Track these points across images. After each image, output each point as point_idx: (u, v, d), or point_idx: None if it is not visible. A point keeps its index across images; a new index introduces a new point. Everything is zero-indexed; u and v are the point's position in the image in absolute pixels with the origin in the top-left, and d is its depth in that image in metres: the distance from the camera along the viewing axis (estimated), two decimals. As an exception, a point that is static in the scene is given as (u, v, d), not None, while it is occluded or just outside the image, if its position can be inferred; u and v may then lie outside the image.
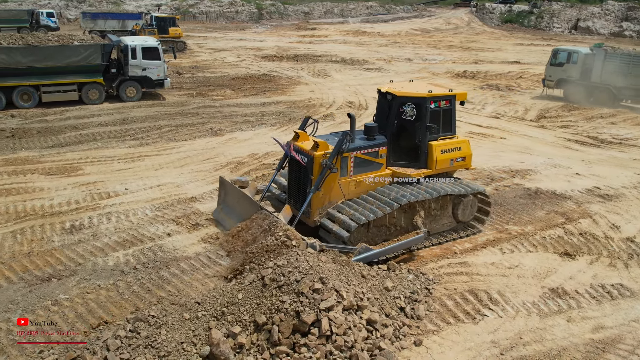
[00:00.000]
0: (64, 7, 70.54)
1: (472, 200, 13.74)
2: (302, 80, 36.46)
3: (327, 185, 12.37)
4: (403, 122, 13.20)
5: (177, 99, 29.61)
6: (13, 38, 27.46)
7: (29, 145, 20.86)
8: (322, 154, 12.10)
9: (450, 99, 13.45)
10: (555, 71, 32.12)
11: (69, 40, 28.34)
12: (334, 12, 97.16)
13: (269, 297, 9.37)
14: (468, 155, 13.98)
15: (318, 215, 12.48)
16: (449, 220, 13.68)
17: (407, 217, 12.83)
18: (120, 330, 9.04)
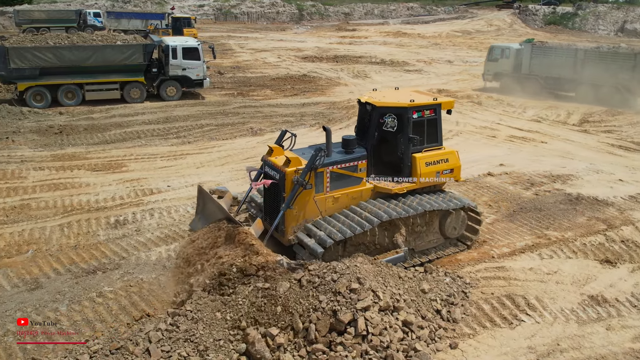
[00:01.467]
0: (109, 7, 72.11)
1: (460, 216, 13.00)
2: (341, 81, 36.62)
3: (302, 202, 11.68)
4: (384, 133, 12.47)
5: (219, 99, 30.11)
6: (59, 38, 28.34)
7: (76, 141, 21.55)
8: (294, 170, 11.44)
9: (434, 107, 12.64)
10: (491, 66, 35.56)
11: (112, 40, 29.11)
12: (374, 13, 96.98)
13: (306, 297, 9.53)
14: (456, 167, 13.17)
15: (292, 233, 11.80)
16: (435, 236, 12.93)
17: (387, 234, 12.08)
18: (161, 323, 9.32)
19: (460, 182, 17.42)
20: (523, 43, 35.73)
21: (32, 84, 25.90)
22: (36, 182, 17.04)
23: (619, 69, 30.29)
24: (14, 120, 23.69)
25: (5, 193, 16.13)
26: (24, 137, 21.78)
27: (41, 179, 17.27)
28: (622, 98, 30.02)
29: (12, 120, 23.63)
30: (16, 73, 25.44)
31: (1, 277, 11.61)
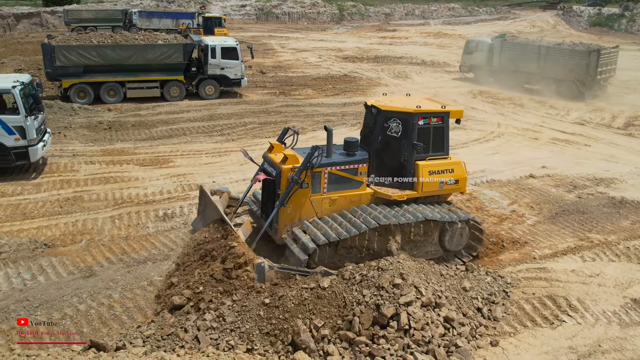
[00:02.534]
0: (154, 7, 73.59)
1: (461, 229, 12.47)
2: (382, 81, 36.74)
3: (297, 202, 11.53)
4: (388, 138, 12.22)
5: (261, 98, 30.60)
6: (103, 37, 29.20)
7: (124, 137, 22.26)
8: (290, 168, 11.30)
9: (442, 115, 12.28)
10: (467, 58, 38.77)
11: (153, 39, 29.79)
12: (414, 14, 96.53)
13: (350, 290, 9.79)
14: (462, 179, 12.62)
15: (286, 232, 11.63)
16: (434, 248, 12.43)
17: (381, 241, 11.71)
18: (207, 314, 9.69)
19: (502, 184, 17.53)
20: (494, 38, 39.42)
21: (76, 82, 26.75)
22: (88, 175, 17.73)
23: (575, 65, 32.91)
24: (65, 116, 24.55)
25: (59, 185, 16.83)
26: (75, 132, 22.59)
27: (92, 173, 17.95)
28: (577, 92, 32.83)
29: (63, 116, 24.50)
30: (61, 70, 26.30)
31: (58, 264, 12.19)
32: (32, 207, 15.29)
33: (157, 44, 28.50)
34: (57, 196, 16.02)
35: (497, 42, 37.48)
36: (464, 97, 31.91)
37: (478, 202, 16.32)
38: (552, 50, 34.48)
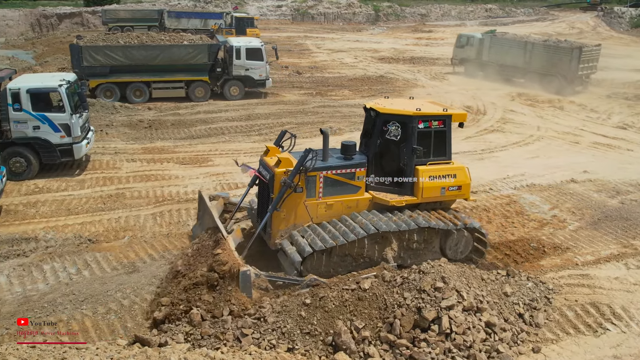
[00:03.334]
0: (192, 7, 74.46)
1: (464, 237, 12.12)
2: (419, 83, 36.55)
3: (291, 206, 11.26)
4: (387, 142, 11.86)
5: (298, 98, 30.73)
6: (130, 37, 29.72)
7: (164, 136, 22.61)
8: (283, 172, 11.02)
9: (444, 119, 11.84)
10: (459, 52, 41.16)
11: (179, 40, 30.13)
12: (451, 15, 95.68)
13: (391, 293, 9.79)
14: (465, 185, 12.23)
15: (279, 237, 11.34)
16: (435, 256, 11.87)
17: (378, 248, 11.41)
18: (246, 315, 9.79)
19: (542, 188, 17.29)
20: (484, 34, 41.18)
21: (103, 81, 27.10)
22: (129, 172, 18.08)
23: (559, 61, 34.70)
24: (107, 114, 25.05)
25: (102, 182, 17.20)
26: (117, 130, 23.03)
27: (134, 170, 18.30)
28: (560, 86, 34.27)
29: (105, 114, 25.00)
30: (88, 70, 26.68)
31: (102, 259, 12.46)
32: (76, 203, 15.66)
33: (182, 44, 28.82)
34: (100, 193, 16.38)
35: (487, 37, 39.55)
36: (502, 100, 31.53)
37: (518, 207, 16.12)
38: (537, 46, 36.40)
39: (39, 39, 57.54)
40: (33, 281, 11.51)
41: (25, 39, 57.76)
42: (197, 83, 28.99)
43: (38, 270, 11.92)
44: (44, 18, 64.15)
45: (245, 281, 9.80)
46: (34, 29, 62.96)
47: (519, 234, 14.34)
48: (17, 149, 16.94)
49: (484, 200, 16.48)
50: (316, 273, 10.64)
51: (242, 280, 9.76)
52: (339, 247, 10.92)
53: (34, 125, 16.85)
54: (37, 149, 17.08)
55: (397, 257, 11.55)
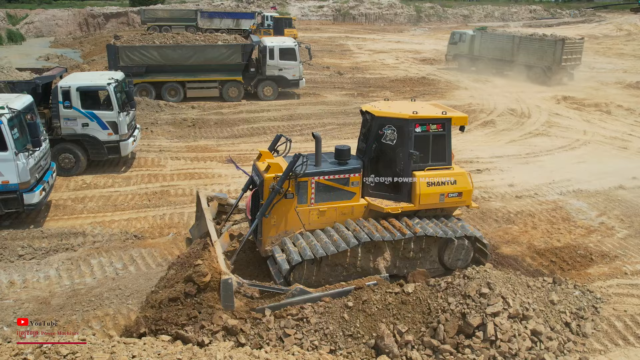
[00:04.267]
0: (234, 7, 75.28)
1: (464, 246, 11.52)
2: (461, 84, 36.14)
3: (281, 212, 10.87)
4: (383, 146, 11.37)
5: (339, 99, 30.71)
6: (165, 37, 30.10)
7: (208, 134, 22.90)
8: (273, 177, 10.63)
9: (443, 122, 11.31)
10: (452, 48, 43.45)
11: (214, 40, 30.36)
12: (494, 16, 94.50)
13: (435, 297, 9.70)
14: (466, 191, 11.64)
15: (270, 244, 10.97)
16: (433, 265, 11.49)
17: (371, 258, 10.95)
18: (288, 315, 9.83)
19: (589, 194, 16.90)
20: (476, 30, 44.51)
21: (139, 81, 27.44)
22: (173, 170, 18.35)
23: (544, 53, 37.22)
24: (152, 113, 25.48)
25: (147, 179, 17.51)
26: (161, 129, 23.41)
27: (178, 168, 18.57)
28: (545, 77, 36.87)
29: (150, 113, 25.43)
30: (125, 70, 27.03)
31: (147, 255, 12.68)
32: (122, 199, 15.97)
33: (216, 44, 29.03)
34: (145, 190, 16.67)
35: (478, 34, 42.42)
36: (547, 103, 30.92)
37: (564, 213, 15.78)
38: (524, 40, 39.03)
39: (86, 38, 59.04)
40: (81, 275, 11.79)
41: (73, 38, 59.36)
42: (230, 83, 29.23)
43: (86, 265, 12.20)
44: (92, 17, 65.78)
45: (226, 290, 9.33)
46: (82, 28, 64.64)
47: (565, 241, 14.03)
48: (66, 146, 17.38)
49: (529, 206, 16.18)
50: (305, 282, 10.31)
51: (223, 289, 9.32)
52: (330, 257, 10.47)
53: (83, 122, 17.25)
54: (86, 145, 17.50)
55: (392, 266, 11.10)
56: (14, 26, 61.55)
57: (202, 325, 9.50)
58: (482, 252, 11.70)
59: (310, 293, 9.84)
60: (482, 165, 19.48)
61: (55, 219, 14.74)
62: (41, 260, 12.34)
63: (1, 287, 11.31)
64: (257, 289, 9.88)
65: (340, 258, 10.67)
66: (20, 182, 13.36)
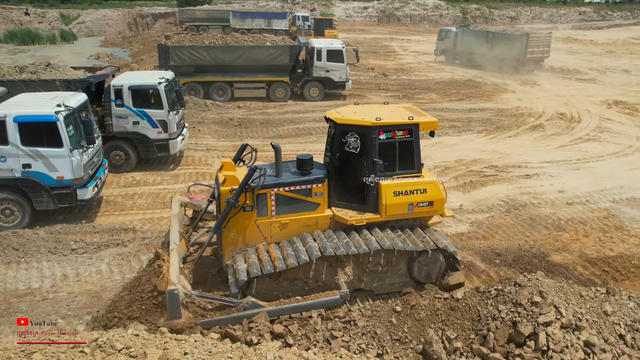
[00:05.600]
0: (279, 8, 75.77)
1: (435, 259, 10.91)
2: (508, 87, 35.54)
3: (241, 226, 10.52)
4: (346, 155, 10.82)
5: (384, 100, 30.51)
6: (214, 38, 30.49)
7: (254, 134, 23.08)
8: (229, 190, 10.27)
9: (410, 128, 10.67)
10: (439, 44, 48.08)
11: (262, 41, 30.61)
12: (542, 17, 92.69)
13: (485, 304, 9.55)
14: (438, 200, 11.00)
15: (230, 258, 10.60)
16: (402, 279, 10.96)
17: (331, 272, 10.49)
18: (336, 318, 9.82)
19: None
20: (459, 27, 49.72)
21: (188, 80, 27.86)
22: (220, 169, 18.51)
23: (512, 47, 41.39)
24: (199, 112, 25.83)
25: (195, 177, 17.75)
26: (208, 128, 23.71)
27: (224, 168, 18.72)
28: (514, 68, 41.04)
29: (197, 112, 25.78)
30: (175, 70, 27.41)
31: (195, 253, 12.81)
32: (171, 197, 16.18)
33: (264, 45, 29.27)
34: (193, 188, 16.86)
35: (460, 30, 47.22)
36: (598, 107, 30.12)
37: (617, 221, 15.34)
38: (496, 35, 43.61)
39: (134, 37, 60.29)
40: (131, 270, 11.99)
41: (123, 37, 60.70)
42: (277, 84, 29.42)
43: (136, 260, 12.42)
44: (140, 17, 67.14)
45: (172, 300, 8.91)
46: (131, 28, 66.02)
47: (618, 250, 13.63)
48: (117, 143, 17.79)
49: (580, 213, 15.78)
50: (262, 296, 9.97)
51: (169, 300, 8.91)
52: (286, 271, 10.08)
53: (133, 120, 17.61)
54: (136, 143, 17.86)
55: (357, 281, 10.67)
56: (67, 26, 63.34)
57: (250, 326, 9.66)
58: (455, 269, 11.02)
59: (262, 307, 9.55)
60: (531, 170, 19.09)
61: (106, 214, 15.08)
62: (93, 255, 12.63)
63: (55, 279, 11.63)
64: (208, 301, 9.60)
65: (298, 273, 10.25)
66: (74, 177, 13.72)
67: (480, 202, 16.40)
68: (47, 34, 56.53)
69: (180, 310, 8.98)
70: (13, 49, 48.41)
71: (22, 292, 11.22)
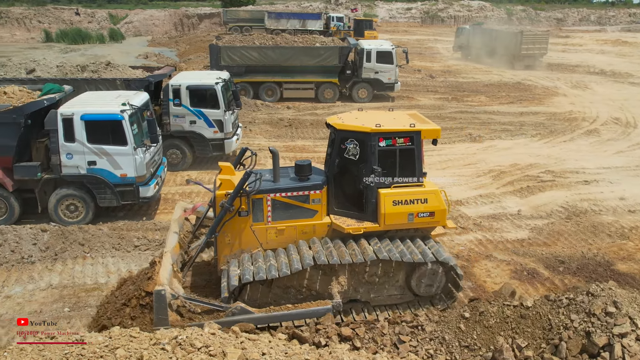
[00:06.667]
0: (322, 8, 75.91)
1: (433, 271, 10.35)
2: (559, 91, 34.84)
3: (236, 231, 10.29)
4: (345, 161, 10.48)
5: (433, 102, 30.35)
6: (265, 38, 30.70)
7: (304, 135, 23.17)
8: (224, 194, 10.10)
9: (411, 136, 10.24)
10: (457, 41, 52.06)
11: (311, 42, 30.68)
12: (590, 19, 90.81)
13: (556, 313, 9.35)
14: (439, 211, 10.49)
15: (225, 263, 10.31)
16: (400, 291, 10.53)
17: (325, 281, 10.10)
18: (402, 322, 9.75)
19: None
20: (471, 25, 55.38)
21: (238, 80, 27.82)
22: (274, 170, 18.62)
23: (510, 43, 45.27)
24: (250, 112, 26.04)
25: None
26: (259, 128, 23.88)
27: (278, 168, 18.82)
28: (512, 62, 44.72)
29: (247, 112, 25.99)
30: (226, 70, 27.70)
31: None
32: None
33: (314, 46, 29.39)
34: (247, 188, 16.99)
35: (472, 28, 52.29)
36: (654, 112, 29.32)
37: (684, 231, 14.87)
38: (499, 32, 48.30)
39: (180, 37, 61.22)
40: (193, 268, 12.12)
41: (169, 37, 61.70)
42: (326, 84, 29.48)
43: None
44: (186, 18, 68.15)
45: (159, 302, 8.67)
46: (177, 28, 67.08)
47: (687, 261, 13.22)
48: (174, 142, 18.05)
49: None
50: (254, 303, 9.71)
51: (156, 300, 8.67)
52: (279, 278, 9.74)
53: (190, 119, 17.84)
54: (192, 142, 18.10)
55: (353, 291, 10.27)
56: (115, 25, 64.70)
57: (317, 328, 9.68)
58: (455, 283, 10.54)
59: (251, 313, 9.28)
60: (590, 176, 18.66)
61: (165, 212, 15.31)
62: (155, 252, 12.80)
63: (121, 275, 11.83)
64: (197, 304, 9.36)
65: (291, 280, 9.96)
66: (137, 175, 13.97)
67: (539, 207, 16.10)
68: (96, 34, 57.85)
69: (167, 312, 8.79)
70: (64, 48, 49.68)
71: (90, 286, 11.48)
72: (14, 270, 12.01)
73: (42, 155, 14.10)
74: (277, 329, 9.66)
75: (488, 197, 16.81)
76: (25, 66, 19.18)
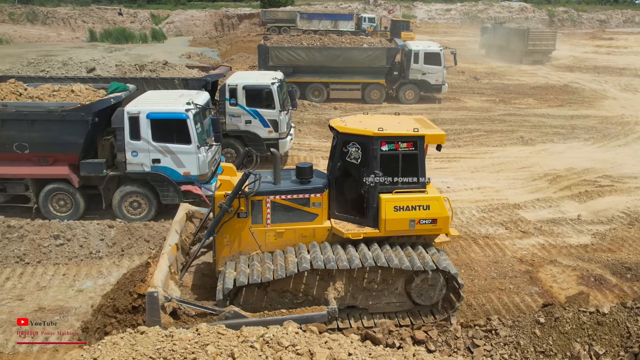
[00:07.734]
0: (361, 10, 75.78)
1: (433, 280, 10.10)
2: (608, 94, 34.17)
3: (234, 232, 10.18)
4: (347, 165, 10.29)
5: (480, 104, 30.06)
6: (312, 39, 30.78)
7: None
8: (223, 195, 9.99)
9: (414, 140, 9.98)
10: (482, 39, 55.89)
11: (359, 42, 30.62)
12: (634, 21, 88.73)
13: (635, 321, 9.19)
14: (442, 218, 10.21)
15: (223, 265, 10.18)
16: (399, 299, 10.26)
17: (322, 286, 9.93)
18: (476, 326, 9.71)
19: None
20: (493, 24, 59.87)
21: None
22: (327, 170, 18.67)
23: (517, 40, 49.06)
24: (297, 112, 26.07)
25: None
26: (308, 128, 23.98)
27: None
28: (519, 58, 48.17)
29: (295, 112, 25.85)
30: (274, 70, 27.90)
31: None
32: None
33: (362, 47, 29.38)
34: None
35: (492, 27, 56.48)
36: None
37: None
38: (512, 31, 52.06)
39: (221, 37, 61.80)
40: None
41: (210, 37, 62.34)
42: (373, 85, 29.46)
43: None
44: (226, 18, 68.80)
45: (151, 303, 8.55)
46: (217, 28, 67.75)
47: None
48: (229, 141, 18.21)
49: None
50: (250, 307, 9.59)
51: (148, 302, 8.57)
52: (275, 282, 9.63)
53: (246, 119, 18.00)
54: (247, 142, 18.20)
55: (350, 297, 10.07)
56: (157, 25, 65.65)
57: (390, 330, 9.69)
58: (456, 293, 10.26)
59: (245, 317, 9.08)
60: (649, 182, 18.30)
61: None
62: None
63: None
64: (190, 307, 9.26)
65: (287, 284, 9.80)
66: (199, 174, 14.15)
67: (599, 213, 15.82)
68: (139, 33, 58.75)
69: (160, 314, 8.67)
70: (109, 47, 50.56)
71: (158, 283, 11.63)
72: (83, 265, 12.30)
73: (107, 153, 14.36)
74: (349, 329, 9.72)
75: (546, 201, 16.58)
76: (86, 65, 19.56)
